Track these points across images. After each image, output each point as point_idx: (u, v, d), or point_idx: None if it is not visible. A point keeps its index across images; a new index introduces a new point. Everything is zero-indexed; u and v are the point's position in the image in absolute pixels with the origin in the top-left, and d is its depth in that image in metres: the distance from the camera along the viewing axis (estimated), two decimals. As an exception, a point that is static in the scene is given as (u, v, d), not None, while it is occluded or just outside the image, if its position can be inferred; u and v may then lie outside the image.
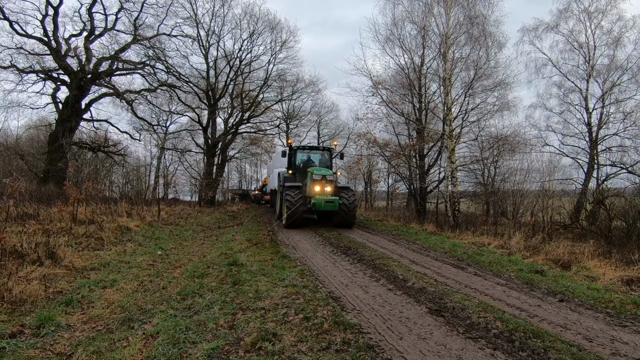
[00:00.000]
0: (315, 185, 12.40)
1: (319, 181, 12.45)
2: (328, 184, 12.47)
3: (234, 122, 26.77)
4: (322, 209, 12.13)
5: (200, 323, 3.84)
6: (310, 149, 14.78)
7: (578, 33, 18.98)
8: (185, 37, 22.67)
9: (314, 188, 12.37)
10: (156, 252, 8.09)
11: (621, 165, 17.29)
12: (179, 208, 18.52)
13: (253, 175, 47.93)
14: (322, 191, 12.34)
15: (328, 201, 12.04)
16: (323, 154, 14.77)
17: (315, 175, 12.50)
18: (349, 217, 12.57)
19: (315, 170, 12.84)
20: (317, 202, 12.05)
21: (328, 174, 12.75)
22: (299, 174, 13.74)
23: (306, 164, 14.18)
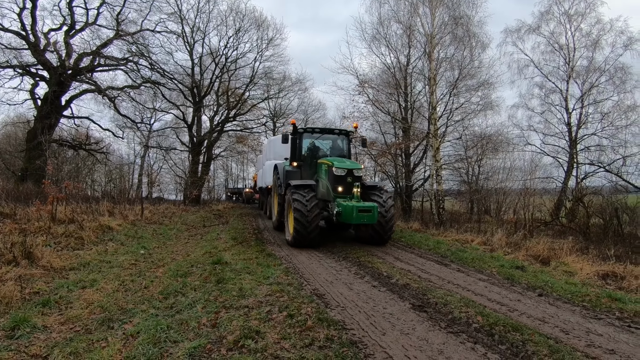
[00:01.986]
0: (338, 184, 8.52)
1: (342, 178, 8.54)
2: (353, 184, 8.50)
3: (220, 120, 26.49)
4: (355, 221, 7.81)
5: (182, 322, 3.79)
6: (321, 132, 10.35)
7: (559, 35, 19.46)
8: (169, 33, 22.31)
9: (336, 188, 8.52)
10: (139, 251, 7.94)
11: (599, 164, 17.81)
12: (163, 207, 18.23)
13: (239, 173, 47.58)
14: (345, 192, 8.48)
15: (363, 209, 7.79)
16: (338, 140, 10.60)
17: (337, 170, 8.50)
18: (385, 229, 8.53)
19: (336, 162, 8.75)
20: (346, 211, 7.84)
21: (355, 167, 8.74)
22: (305, 167, 9.94)
23: (315, 153, 10.20)
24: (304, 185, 8.61)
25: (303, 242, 8.15)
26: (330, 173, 8.64)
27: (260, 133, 29.56)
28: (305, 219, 7.87)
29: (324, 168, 9.03)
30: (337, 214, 8.13)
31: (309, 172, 9.78)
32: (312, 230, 7.97)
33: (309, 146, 10.35)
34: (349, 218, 7.78)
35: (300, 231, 7.98)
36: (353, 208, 7.72)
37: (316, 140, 10.40)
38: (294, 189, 8.37)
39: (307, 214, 7.86)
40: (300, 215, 7.88)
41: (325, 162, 8.99)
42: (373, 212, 7.85)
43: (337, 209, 8.13)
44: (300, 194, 8.14)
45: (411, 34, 16.42)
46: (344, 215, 7.92)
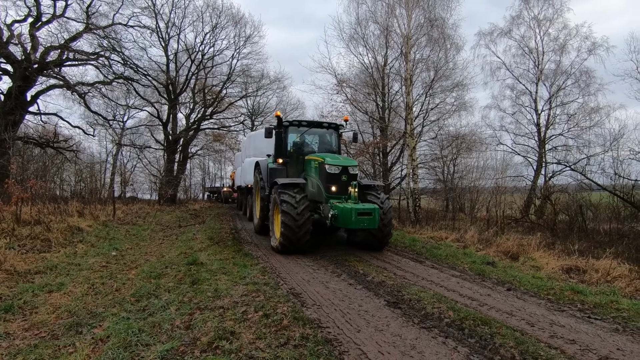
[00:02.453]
0: (332, 183, 7.56)
1: (336, 177, 7.56)
2: (349, 183, 7.51)
3: (196, 117, 25.97)
4: (353, 225, 6.80)
5: (155, 324, 3.71)
6: (309, 125, 9.20)
7: (528, 39, 20.22)
8: (143, 28, 21.60)
9: (329, 188, 7.57)
10: (110, 252, 7.70)
11: (565, 163, 18.63)
12: (137, 207, 17.74)
13: (217, 172, 46.84)
14: (339, 192, 7.51)
15: (363, 212, 6.79)
16: (326, 134, 9.55)
17: (330, 167, 7.55)
18: (383, 234, 7.73)
19: (328, 158, 7.79)
20: (344, 215, 6.86)
21: (350, 164, 7.77)
22: (292, 164, 8.89)
23: (301, 149, 9.12)
24: (292, 184, 7.65)
25: (292, 249, 7.24)
26: (322, 170, 7.64)
27: (238, 131, 29.22)
28: (295, 223, 6.98)
29: (313, 165, 8.06)
30: (333, 218, 7.05)
31: (296, 170, 8.76)
32: (302, 235, 7.10)
33: (296, 141, 9.16)
34: (347, 222, 6.77)
35: (289, 237, 7.07)
36: (351, 211, 6.67)
37: (303, 134, 9.18)
38: (281, 189, 7.39)
39: (297, 217, 6.98)
40: (290, 219, 6.97)
41: (316, 159, 7.99)
42: (374, 215, 6.81)
43: (333, 212, 7.06)
44: (289, 194, 7.21)
45: (388, 34, 16.65)
46: (341, 219, 6.90)
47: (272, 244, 7.82)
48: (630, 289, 5.29)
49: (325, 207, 7.57)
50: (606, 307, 4.54)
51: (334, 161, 7.66)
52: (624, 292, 5.20)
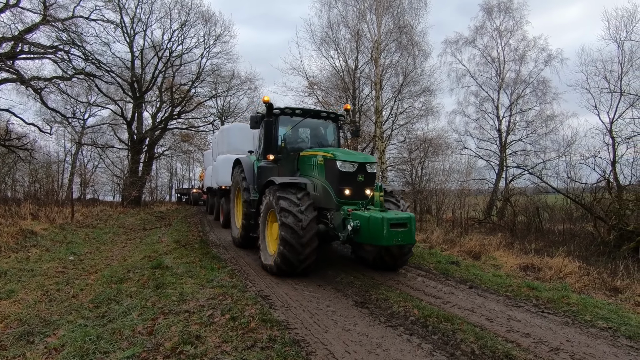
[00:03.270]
0: (345, 185, 5.91)
1: (351, 177, 5.95)
2: (369, 184, 6.08)
3: (163, 117, 25.15)
4: (385, 241, 5.06)
5: (115, 331, 3.56)
6: (304, 114, 7.44)
7: (491, 49, 21.23)
8: (106, 22, 20.68)
9: (341, 191, 5.90)
10: (67, 257, 7.30)
11: (524, 167, 19.67)
12: (98, 209, 16.92)
13: (185, 174, 45.56)
14: (354, 197, 5.89)
15: (396, 222, 5.14)
16: (321, 127, 7.88)
17: (343, 165, 5.94)
18: (404, 251, 6.12)
19: (339, 153, 6.18)
20: (373, 226, 5.08)
21: (368, 160, 6.17)
22: (284, 162, 7.17)
23: (294, 144, 7.53)
24: (293, 184, 6.02)
25: (292, 272, 5.63)
26: (331, 169, 5.98)
27: (208, 132, 28.56)
28: (299, 240, 5.33)
29: (316, 163, 6.38)
30: (353, 231, 5.20)
31: (288, 169, 7.08)
32: (307, 256, 5.47)
33: (287, 134, 7.43)
34: (376, 237, 5.00)
35: (288, 258, 5.43)
36: (383, 221, 4.92)
37: (296, 125, 7.46)
38: (281, 192, 5.74)
39: (301, 232, 5.34)
40: (292, 235, 5.34)
41: (320, 154, 6.31)
42: (410, 226, 5.19)
43: (354, 223, 5.19)
44: (290, 200, 5.57)
45: (359, 39, 16.93)
46: (366, 233, 5.09)
47: (264, 262, 6.07)
48: (580, 285, 5.67)
49: (335, 215, 5.82)
50: (558, 302, 4.84)
51: (348, 157, 6.02)
52: (573, 287, 5.57)
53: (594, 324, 4.13)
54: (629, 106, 14.16)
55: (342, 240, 5.60)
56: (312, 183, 6.36)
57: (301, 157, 6.98)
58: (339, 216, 5.73)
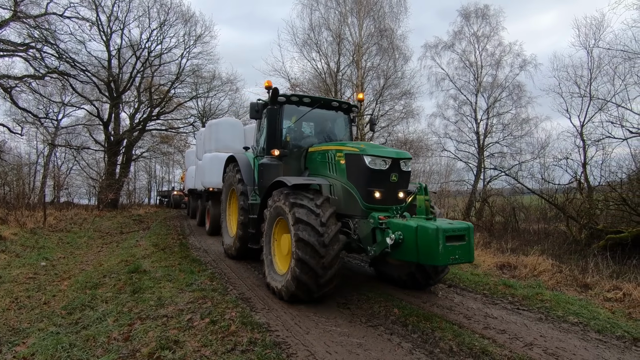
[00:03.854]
0: (376, 186, 4.84)
1: (383, 176, 4.86)
2: (402, 185, 5.06)
3: (141, 118, 24.59)
4: (441, 261, 3.87)
5: (89, 338, 3.45)
6: (312, 103, 6.31)
7: (469, 53, 21.78)
8: (81, 20, 20.08)
9: (371, 194, 4.83)
10: (39, 263, 7.02)
11: (501, 168, 20.24)
12: (72, 212, 16.37)
13: (165, 176, 44.66)
14: (385, 201, 4.83)
15: (453, 233, 3.94)
16: (328, 120, 6.77)
17: (373, 161, 4.83)
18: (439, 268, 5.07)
19: (368, 147, 5.03)
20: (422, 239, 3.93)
21: (403, 156, 5.01)
22: (290, 159, 6.13)
23: (298, 139, 6.50)
24: (307, 185, 4.85)
25: (311, 297, 4.45)
26: (357, 167, 4.86)
27: (188, 133, 28.09)
28: (320, 260, 4.15)
29: (334, 159, 5.24)
30: (393, 245, 4.08)
31: (293, 168, 6.08)
32: (330, 278, 4.31)
33: (291, 126, 6.37)
34: (428, 254, 3.85)
35: (306, 283, 4.24)
36: (438, 233, 3.78)
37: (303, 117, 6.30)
38: (294, 197, 4.55)
39: (322, 249, 4.15)
40: (311, 253, 4.16)
41: (342, 148, 5.16)
42: (469, 239, 4.03)
43: (395, 235, 4.06)
44: (308, 207, 4.36)
45: (341, 42, 17.05)
46: (412, 248, 3.97)
47: (271, 284, 4.87)
48: (553, 282, 5.88)
49: (361, 224, 4.77)
50: (532, 299, 4.99)
51: (379, 151, 4.87)
52: (547, 284, 5.76)
53: (566, 319, 4.29)
54: (598, 110, 14.79)
55: (372, 255, 4.50)
56: (331, 186, 5.24)
57: (310, 154, 5.90)
58: (366, 225, 4.63)
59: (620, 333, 3.88)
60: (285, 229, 4.87)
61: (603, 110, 14.13)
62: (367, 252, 4.64)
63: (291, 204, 4.48)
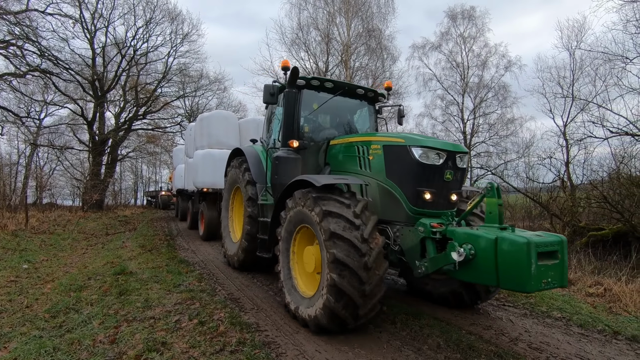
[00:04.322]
0: (428, 186, 3.92)
1: (436, 172, 3.93)
2: (456, 186, 4.16)
3: (127, 117, 24.20)
4: (532, 286, 2.86)
5: (74, 341, 3.38)
6: (335, 88, 5.39)
7: (456, 54, 22.11)
8: (64, 17, 19.66)
9: (420, 196, 3.89)
10: (20, 266, 6.85)
11: (487, 168, 20.61)
12: (56, 214, 16.01)
13: (151, 176, 44.03)
14: (437, 205, 3.96)
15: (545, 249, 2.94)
16: (353, 109, 5.96)
17: (424, 154, 3.86)
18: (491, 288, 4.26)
19: (417, 138, 4.08)
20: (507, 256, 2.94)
21: (459, 150, 4.06)
22: (308, 152, 5.24)
23: (317, 131, 5.61)
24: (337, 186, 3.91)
25: (345, 327, 3.55)
26: (402, 162, 3.98)
27: (175, 133, 27.76)
28: (361, 286, 3.31)
29: (366, 153, 4.39)
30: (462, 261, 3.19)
31: (310, 164, 5.24)
32: (371, 308, 3.46)
33: (308, 117, 5.52)
34: (517, 278, 2.93)
35: (342, 315, 3.37)
36: (530, 248, 2.86)
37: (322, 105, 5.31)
38: (326, 202, 3.62)
39: (364, 274, 3.30)
40: (350, 278, 3.30)
41: (380, 139, 4.33)
42: (562, 257, 3.08)
43: (464, 249, 3.19)
44: (344, 217, 3.47)
45: (329, 42, 17.08)
46: (490, 268, 3.08)
47: (292, 308, 3.93)
48: (537, 278, 5.99)
49: (406, 233, 3.89)
50: (517, 295, 5.09)
51: (432, 142, 3.97)
52: (532, 281, 5.87)
53: (550, 314, 4.39)
54: (580, 110, 15.19)
55: (422, 273, 3.61)
56: (362, 184, 4.36)
57: (332, 147, 5.06)
58: (413, 235, 3.76)
59: (601, 327, 4.00)
60: (310, 239, 4.04)
61: (585, 110, 14.53)
62: (414, 269, 3.73)
63: (323, 212, 3.50)
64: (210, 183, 9.50)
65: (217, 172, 8.86)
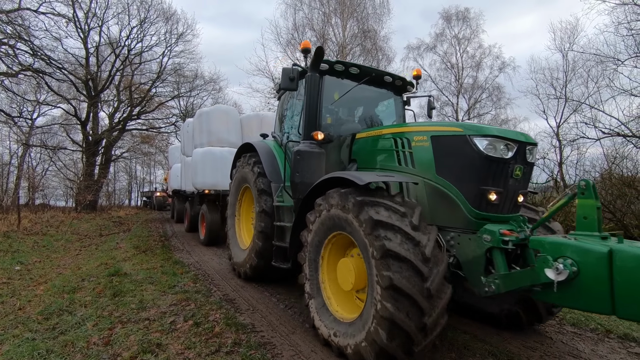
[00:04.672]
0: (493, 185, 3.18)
1: (505, 168, 3.18)
2: (523, 185, 3.37)
3: (121, 117, 24.04)
4: None
5: (67, 343, 3.35)
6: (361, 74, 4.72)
7: (450, 55, 22.25)
8: (57, 16, 19.49)
9: (484, 197, 3.16)
10: (13, 267, 6.77)
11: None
12: (49, 215, 15.85)
13: (145, 176, 43.76)
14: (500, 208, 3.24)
15: None
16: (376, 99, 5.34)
17: (489, 145, 3.13)
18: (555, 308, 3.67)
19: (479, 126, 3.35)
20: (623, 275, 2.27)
21: (531, 141, 3.30)
22: (331, 147, 4.63)
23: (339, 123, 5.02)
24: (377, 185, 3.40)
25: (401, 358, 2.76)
26: (462, 155, 3.29)
27: (169, 133, 27.62)
28: (420, 318, 2.64)
29: (407, 146, 3.73)
30: (561, 280, 2.49)
31: (333, 160, 4.63)
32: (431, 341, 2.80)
33: (330, 107, 4.92)
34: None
35: (394, 350, 2.71)
36: None
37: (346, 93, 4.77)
38: (372, 205, 2.95)
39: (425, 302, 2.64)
40: (407, 306, 2.62)
41: (427, 129, 3.62)
42: None
43: (564, 266, 2.48)
44: (400, 230, 2.79)
45: (324, 42, 17.08)
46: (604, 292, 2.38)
47: (334, 341, 3.19)
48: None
49: (464, 242, 3.23)
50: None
51: (499, 131, 3.26)
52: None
53: (543, 313, 4.43)
54: (573, 111, 15.35)
55: (488, 292, 2.94)
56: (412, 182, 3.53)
57: (359, 141, 4.40)
58: (475, 244, 3.09)
59: (593, 326, 4.05)
60: (344, 247, 3.47)
61: (577, 111, 14.70)
62: (476, 287, 3.04)
63: (374, 222, 2.77)
64: (211, 184, 8.90)
65: (218, 172, 8.54)
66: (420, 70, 5.37)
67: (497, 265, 2.95)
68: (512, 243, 2.92)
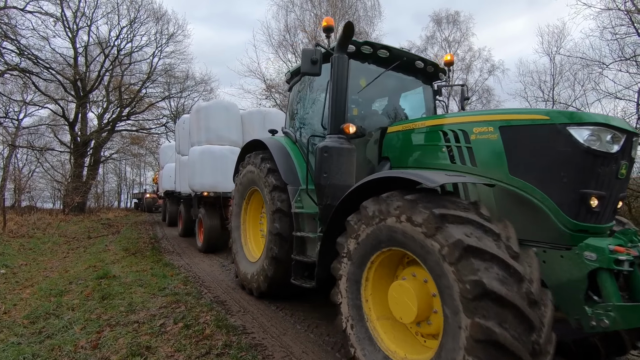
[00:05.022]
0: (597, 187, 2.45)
1: (607, 166, 2.43)
2: (624, 186, 2.64)
3: (110, 118, 23.74)
4: None
5: (54, 347, 3.29)
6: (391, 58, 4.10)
7: (441, 58, 22.45)
8: (44, 15, 19.17)
9: (584, 200, 2.41)
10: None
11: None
12: (35, 217, 15.55)
13: (135, 178, 43.25)
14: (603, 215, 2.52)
15: None
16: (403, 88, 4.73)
17: (592, 136, 2.37)
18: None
19: (582, 113, 2.63)
20: None
21: (635, 131, 2.52)
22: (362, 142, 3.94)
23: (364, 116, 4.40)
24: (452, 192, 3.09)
25: None
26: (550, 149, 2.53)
27: (160, 134, 27.35)
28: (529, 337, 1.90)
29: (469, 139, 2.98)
30: None
31: (362, 158, 3.94)
32: None
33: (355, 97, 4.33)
34: None
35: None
36: None
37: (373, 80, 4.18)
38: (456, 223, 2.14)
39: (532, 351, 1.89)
40: (518, 351, 1.84)
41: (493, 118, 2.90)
42: None
43: None
44: (503, 262, 1.98)
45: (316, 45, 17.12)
46: None
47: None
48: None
49: (559, 262, 2.47)
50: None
51: (602, 118, 2.50)
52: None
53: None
54: (560, 114, 15.61)
55: (596, 328, 2.25)
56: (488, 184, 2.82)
57: (390, 136, 3.86)
58: (573, 264, 2.41)
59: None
60: (394, 264, 2.81)
61: (565, 114, 14.92)
62: (580, 319, 2.33)
63: (463, 248, 2.01)
64: (210, 185, 8.13)
65: (218, 172, 7.96)
66: (452, 55, 4.81)
67: (605, 291, 2.25)
68: (629, 263, 2.26)
